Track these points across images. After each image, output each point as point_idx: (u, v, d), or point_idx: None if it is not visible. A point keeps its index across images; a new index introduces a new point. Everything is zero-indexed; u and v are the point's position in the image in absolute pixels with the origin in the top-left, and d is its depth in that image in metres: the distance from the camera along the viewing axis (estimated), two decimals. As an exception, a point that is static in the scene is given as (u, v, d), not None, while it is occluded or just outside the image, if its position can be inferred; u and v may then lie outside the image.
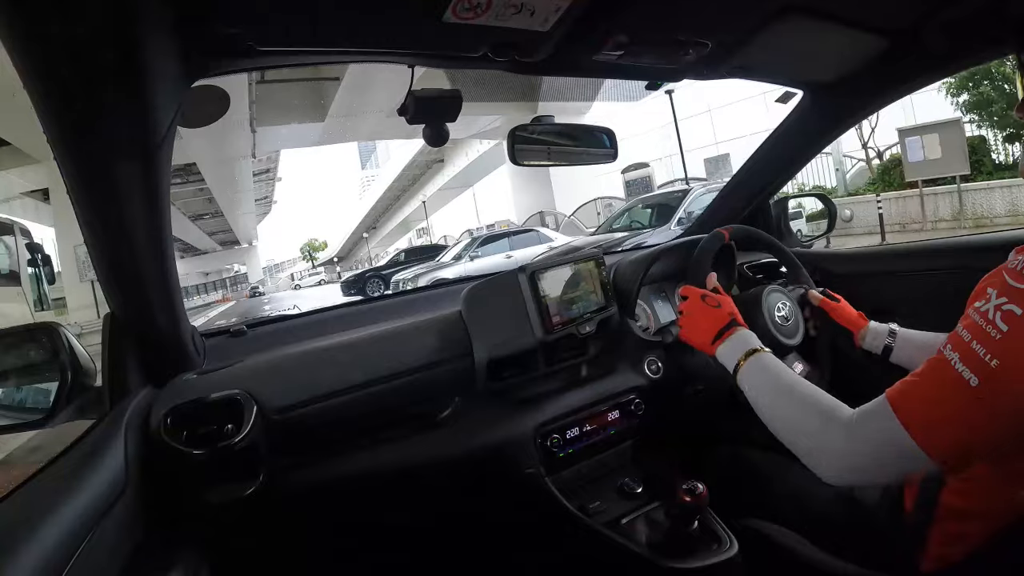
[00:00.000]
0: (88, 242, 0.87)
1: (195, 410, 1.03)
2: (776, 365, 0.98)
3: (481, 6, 0.82)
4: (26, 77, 0.61)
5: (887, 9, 1.12)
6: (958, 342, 0.72)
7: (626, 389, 1.33)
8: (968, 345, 0.70)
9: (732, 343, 1.05)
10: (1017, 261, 0.71)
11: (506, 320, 1.22)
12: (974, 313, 0.72)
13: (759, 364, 0.99)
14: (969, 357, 0.69)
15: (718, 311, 1.11)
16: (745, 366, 1.00)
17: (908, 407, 0.73)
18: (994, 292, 0.71)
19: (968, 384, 0.68)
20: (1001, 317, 0.68)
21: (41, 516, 0.68)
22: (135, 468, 0.91)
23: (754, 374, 0.99)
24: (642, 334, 1.41)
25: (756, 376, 0.98)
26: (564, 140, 1.38)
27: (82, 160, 0.75)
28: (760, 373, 0.98)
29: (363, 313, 1.54)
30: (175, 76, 0.75)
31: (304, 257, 80.00)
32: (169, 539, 0.99)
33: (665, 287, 1.68)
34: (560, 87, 18.42)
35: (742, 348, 1.02)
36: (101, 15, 0.58)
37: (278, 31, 0.83)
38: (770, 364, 0.99)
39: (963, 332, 0.72)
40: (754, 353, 1.00)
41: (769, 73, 1.42)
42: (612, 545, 1.13)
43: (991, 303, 0.70)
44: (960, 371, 0.69)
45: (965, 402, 0.68)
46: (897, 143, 10.84)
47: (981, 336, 0.69)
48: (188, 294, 60.78)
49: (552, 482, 1.19)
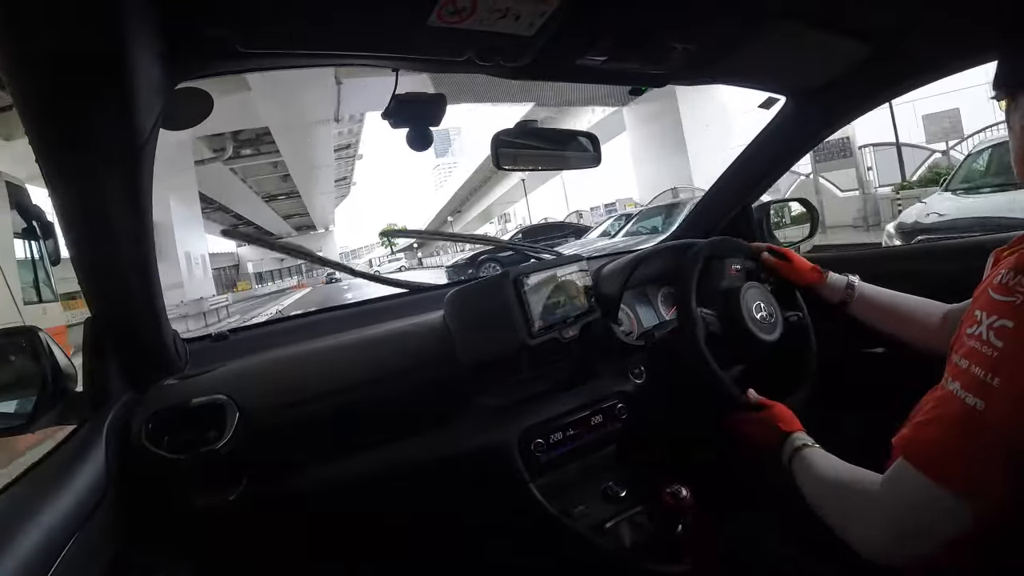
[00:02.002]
0: (69, 244, 0.86)
1: (177, 415, 1.02)
2: (815, 461, 0.97)
3: (466, 10, 0.82)
4: (7, 77, 0.61)
5: (869, 15, 1.14)
6: (957, 372, 0.71)
7: (610, 393, 1.34)
8: (968, 372, 0.70)
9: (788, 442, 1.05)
10: (999, 275, 0.72)
11: (490, 324, 1.22)
12: (967, 339, 0.72)
13: (801, 463, 0.99)
14: (970, 383, 0.68)
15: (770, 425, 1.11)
16: (795, 464, 1.00)
17: (926, 458, 0.71)
18: (983, 313, 0.71)
19: (975, 410, 0.67)
20: (994, 335, 0.68)
21: (21, 523, 0.68)
22: (117, 474, 0.91)
23: (800, 472, 0.99)
24: (625, 338, 1.42)
25: (801, 473, 0.98)
26: (548, 144, 1.39)
27: (63, 161, 0.74)
28: (804, 471, 0.98)
29: (347, 317, 1.54)
30: (159, 78, 0.75)
31: (383, 243, 78.91)
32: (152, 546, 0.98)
33: (648, 291, 1.69)
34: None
35: (791, 447, 1.03)
36: (84, 17, 0.58)
37: (263, 34, 0.82)
38: (812, 460, 0.98)
39: (960, 361, 0.72)
40: (797, 452, 1.01)
41: (753, 78, 1.44)
42: (595, 549, 1.13)
43: (982, 325, 0.70)
44: (963, 398, 0.68)
45: (979, 432, 0.67)
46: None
47: (978, 359, 0.69)
48: (263, 280, 60.13)
49: (536, 486, 1.19)
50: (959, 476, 0.68)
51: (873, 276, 1.38)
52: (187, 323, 16.89)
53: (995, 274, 0.74)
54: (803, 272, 1.35)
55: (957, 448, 0.68)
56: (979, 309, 0.72)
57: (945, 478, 0.68)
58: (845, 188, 13.20)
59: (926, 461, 0.70)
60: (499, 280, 1.21)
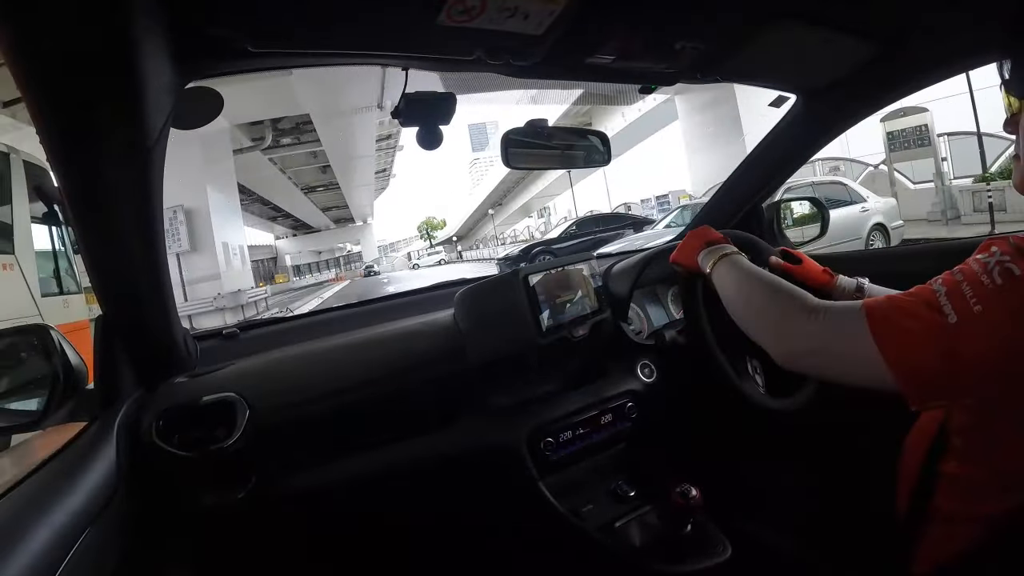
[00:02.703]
0: (80, 243, 0.87)
1: (187, 413, 1.03)
2: (747, 264, 1.06)
3: (475, 9, 0.82)
4: (19, 79, 0.61)
5: (878, 14, 1.13)
6: (949, 280, 0.73)
7: (619, 392, 1.34)
8: (958, 285, 0.71)
9: (710, 251, 1.13)
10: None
11: (500, 323, 1.22)
12: (973, 261, 0.73)
13: (731, 262, 1.08)
14: (955, 295, 0.70)
15: (708, 234, 1.19)
16: (719, 265, 1.09)
17: (881, 317, 0.75)
18: (998, 250, 0.71)
19: (946, 319, 0.69)
20: (999, 271, 0.69)
21: (32, 519, 0.68)
22: (127, 471, 0.91)
23: (726, 272, 1.07)
24: (635, 337, 1.41)
25: (728, 274, 1.06)
26: (558, 143, 1.39)
27: (75, 162, 0.75)
28: (732, 270, 1.06)
29: (357, 316, 1.54)
30: (168, 78, 0.75)
31: (421, 236, 78.36)
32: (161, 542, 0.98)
33: (658, 290, 1.69)
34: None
35: (717, 253, 1.11)
36: (94, 18, 0.58)
37: (272, 33, 0.83)
38: (741, 262, 1.07)
39: (956, 273, 0.73)
40: (727, 256, 1.09)
41: (762, 77, 1.43)
42: (604, 548, 1.13)
43: (994, 258, 0.71)
44: (942, 304, 0.70)
45: (936, 333, 0.70)
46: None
47: (973, 281, 0.70)
48: (300, 272, 60.22)
49: (545, 485, 1.19)
50: (896, 348, 0.72)
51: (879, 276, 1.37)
52: (224, 317, 16.11)
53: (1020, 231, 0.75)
54: (814, 274, 1.34)
55: (910, 332, 0.72)
56: (996, 246, 0.73)
57: (884, 341, 0.73)
58: (917, 180, 12.80)
59: (878, 321, 0.75)
60: (509, 279, 1.21)
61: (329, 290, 25.20)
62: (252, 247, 36.88)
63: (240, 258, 23.22)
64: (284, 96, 18.31)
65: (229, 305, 16.90)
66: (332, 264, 63.57)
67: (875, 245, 8.64)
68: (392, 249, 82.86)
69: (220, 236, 20.29)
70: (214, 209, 19.95)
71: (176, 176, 15.45)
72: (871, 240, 8.78)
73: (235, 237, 23.30)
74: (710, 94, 20.84)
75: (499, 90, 15.42)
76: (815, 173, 13.18)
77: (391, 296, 1.67)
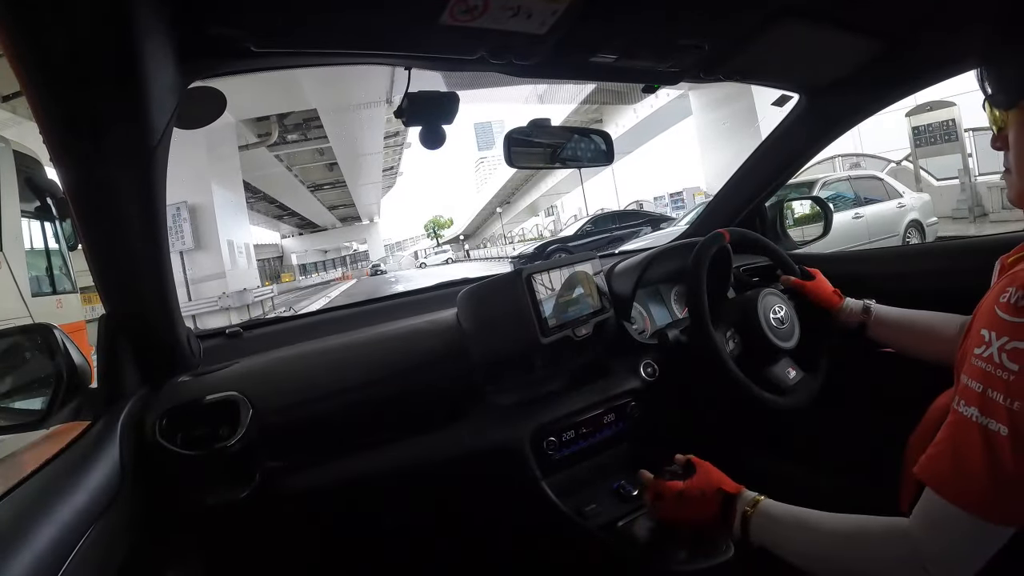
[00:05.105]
0: (83, 242, 0.87)
1: (190, 412, 1.03)
2: (780, 508, 0.91)
3: (478, 8, 0.82)
4: (23, 79, 0.61)
5: (882, 13, 1.13)
6: (971, 395, 0.69)
7: (622, 392, 1.33)
8: (983, 396, 0.67)
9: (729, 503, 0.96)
10: (1006, 292, 0.69)
11: (502, 323, 1.22)
12: (977, 360, 0.70)
13: (765, 515, 0.91)
14: (988, 408, 0.66)
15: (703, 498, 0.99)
16: (753, 522, 0.91)
17: (960, 491, 0.67)
18: (992, 334, 0.69)
19: (999, 436, 0.65)
20: (1008, 357, 0.66)
21: (35, 517, 0.68)
22: (131, 470, 0.91)
23: (766, 529, 0.90)
24: (638, 337, 1.41)
25: (769, 531, 0.90)
26: (560, 142, 1.38)
27: (79, 162, 0.75)
28: (771, 525, 0.90)
29: (360, 315, 1.54)
30: (172, 78, 0.75)
31: (428, 234, 77.79)
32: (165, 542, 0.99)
33: (661, 289, 1.69)
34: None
35: (740, 507, 0.94)
36: (97, 17, 0.58)
37: (275, 33, 0.83)
38: (774, 511, 0.91)
39: (972, 384, 0.69)
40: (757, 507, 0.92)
41: (766, 76, 1.43)
42: (607, 548, 1.13)
43: (993, 346, 0.68)
44: (985, 424, 0.66)
45: (1006, 458, 0.64)
46: None
47: (993, 383, 0.67)
48: (306, 271, 60.72)
49: (548, 485, 1.19)
50: (993, 503, 0.66)
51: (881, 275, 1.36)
52: (230, 316, 15.84)
53: (1000, 289, 0.71)
54: (825, 294, 1.33)
55: (989, 478, 0.66)
56: (986, 328, 0.70)
57: (984, 509, 0.66)
58: (940, 176, 12.21)
59: (958, 494, 0.68)
60: (512, 278, 1.21)
61: (336, 289, 25.08)
62: (258, 246, 36.66)
63: (246, 256, 22.90)
64: (291, 91, 18.13)
65: (235, 304, 16.67)
66: (338, 263, 63.69)
67: (911, 241, 8.46)
68: (399, 248, 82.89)
69: (225, 234, 20.00)
70: (219, 206, 19.67)
71: (180, 172, 15.29)
72: (907, 236, 8.60)
73: (241, 235, 22.98)
74: (725, 90, 20.52)
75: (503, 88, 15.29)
76: (834, 169, 12.74)
77: (394, 296, 1.67)
